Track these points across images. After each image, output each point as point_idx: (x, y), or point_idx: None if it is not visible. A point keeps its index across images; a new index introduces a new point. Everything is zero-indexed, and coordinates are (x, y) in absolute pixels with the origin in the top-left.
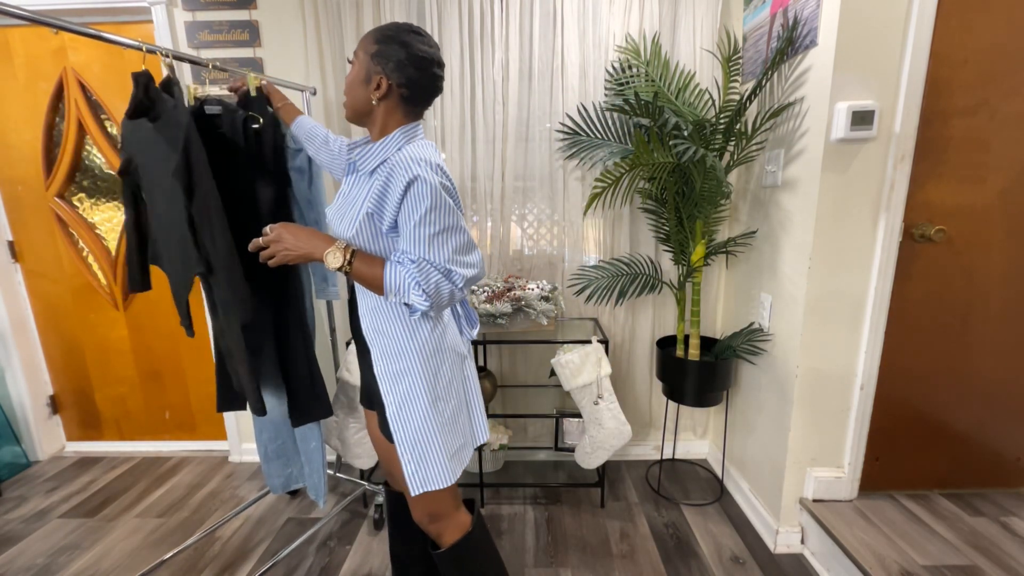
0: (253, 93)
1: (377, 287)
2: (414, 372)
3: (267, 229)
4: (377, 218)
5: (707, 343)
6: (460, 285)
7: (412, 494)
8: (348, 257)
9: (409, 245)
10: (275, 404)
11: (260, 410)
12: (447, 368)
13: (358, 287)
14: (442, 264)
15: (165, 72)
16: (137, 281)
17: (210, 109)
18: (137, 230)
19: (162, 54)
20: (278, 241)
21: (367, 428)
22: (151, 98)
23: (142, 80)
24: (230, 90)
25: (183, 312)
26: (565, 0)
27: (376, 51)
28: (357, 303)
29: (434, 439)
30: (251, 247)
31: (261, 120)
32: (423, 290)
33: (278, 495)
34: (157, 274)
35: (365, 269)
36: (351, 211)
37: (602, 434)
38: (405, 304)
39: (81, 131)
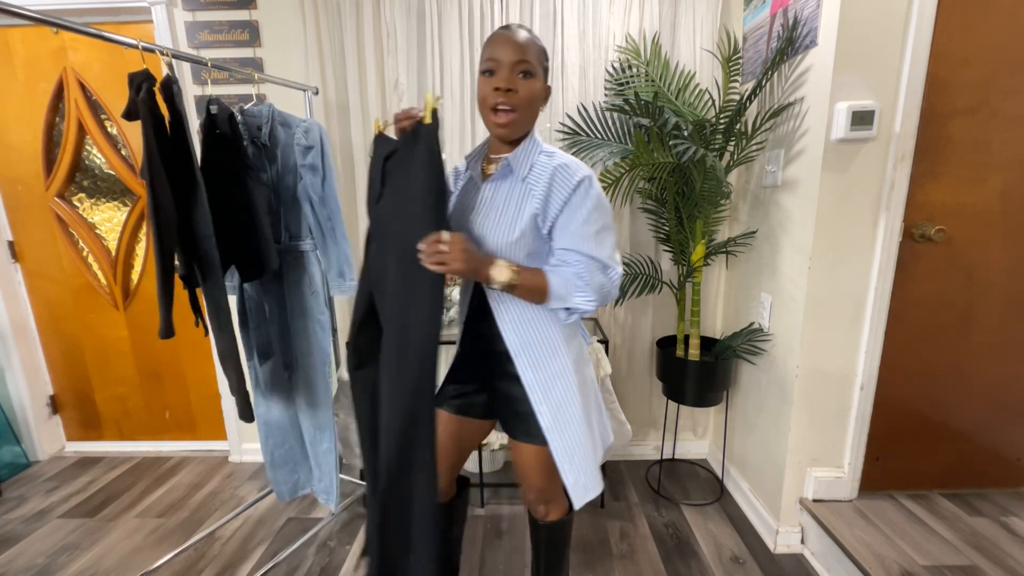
0: (428, 120)
1: (541, 294)
2: (566, 378)
3: (445, 235)
4: (541, 219)
5: (707, 343)
6: (616, 283)
7: (576, 507)
8: (516, 269)
9: (574, 241)
10: (283, 408)
11: (248, 416)
12: (589, 371)
13: (501, 299)
14: (603, 260)
15: (165, 71)
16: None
17: (211, 109)
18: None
19: (161, 53)
20: (455, 252)
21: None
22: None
23: (136, 80)
24: (399, 130)
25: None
26: (565, 0)
27: (542, 57)
28: (495, 318)
29: (587, 445)
30: (428, 255)
31: (239, 116)
32: (590, 288)
33: None
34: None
35: (532, 279)
36: (507, 215)
37: None
38: (565, 308)
39: (81, 131)
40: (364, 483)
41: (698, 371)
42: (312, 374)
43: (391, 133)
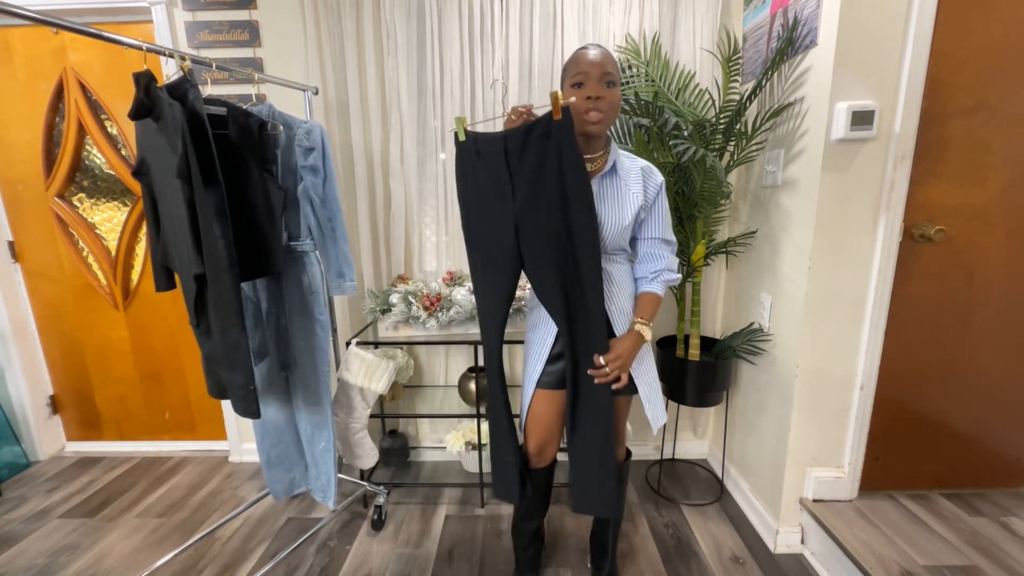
0: (558, 116)
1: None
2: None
3: (601, 360)
4: (644, 211)
5: (707, 343)
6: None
7: (655, 429)
8: (646, 321)
9: (664, 232)
10: (279, 408)
11: (256, 412)
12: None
13: (617, 282)
14: (673, 242)
15: (179, 73)
16: (162, 282)
17: (213, 110)
18: (156, 231)
19: (181, 58)
20: (620, 361)
21: (543, 414)
22: (152, 98)
23: (143, 80)
24: (521, 123)
25: (191, 312)
26: (565, 0)
27: (618, 68)
28: (607, 293)
29: (658, 384)
30: (598, 379)
31: (280, 128)
32: (674, 268)
33: None
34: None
35: (654, 310)
36: (618, 205)
37: None
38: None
39: (81, 131)
40: (364, 483)
41: (698, 371)
42: (310, 373)
43: (480, 126)
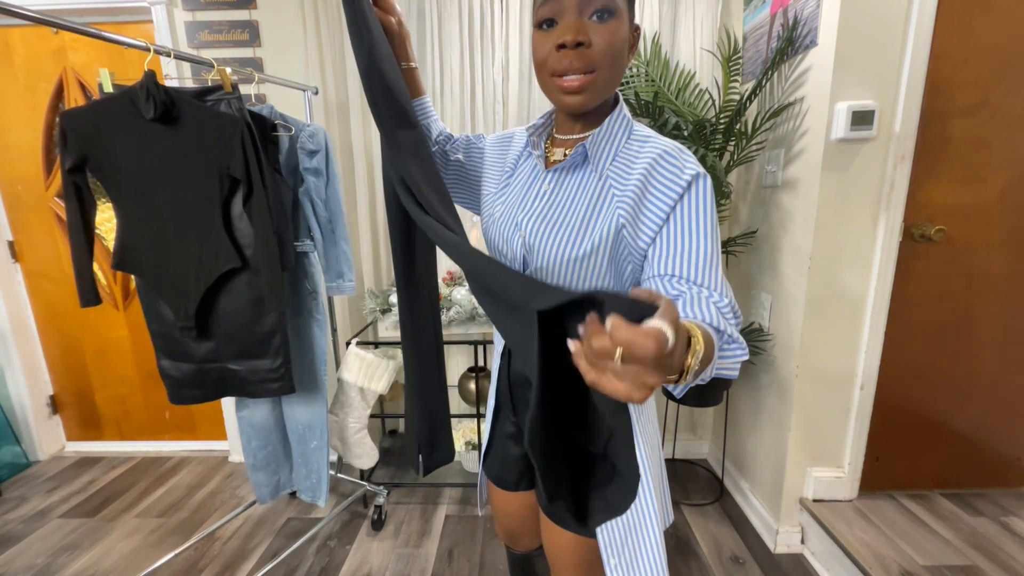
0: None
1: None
2: (642, 473)
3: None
4: (631, 232)
5: None
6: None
7: None
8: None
9: (693, 269)
10: (267, 410)
11: (292, 387)
12: (650, 412)
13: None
14: (733, 303)
15: (216, 80)
16: (90, 296)
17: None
18: (87, 237)
19: (216, 67)
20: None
21: (502, 506)
22: (172, 100)
23: (157, 83)
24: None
25: (189, 313)
26: None
27: None
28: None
29: (651, 521)
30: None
31: (292, 130)
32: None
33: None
34: None
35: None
36: (573, 221)
37: None
38: (727, 370)
39: None
40: (364, 483)
41: None
42: (305, 373)
43: None
